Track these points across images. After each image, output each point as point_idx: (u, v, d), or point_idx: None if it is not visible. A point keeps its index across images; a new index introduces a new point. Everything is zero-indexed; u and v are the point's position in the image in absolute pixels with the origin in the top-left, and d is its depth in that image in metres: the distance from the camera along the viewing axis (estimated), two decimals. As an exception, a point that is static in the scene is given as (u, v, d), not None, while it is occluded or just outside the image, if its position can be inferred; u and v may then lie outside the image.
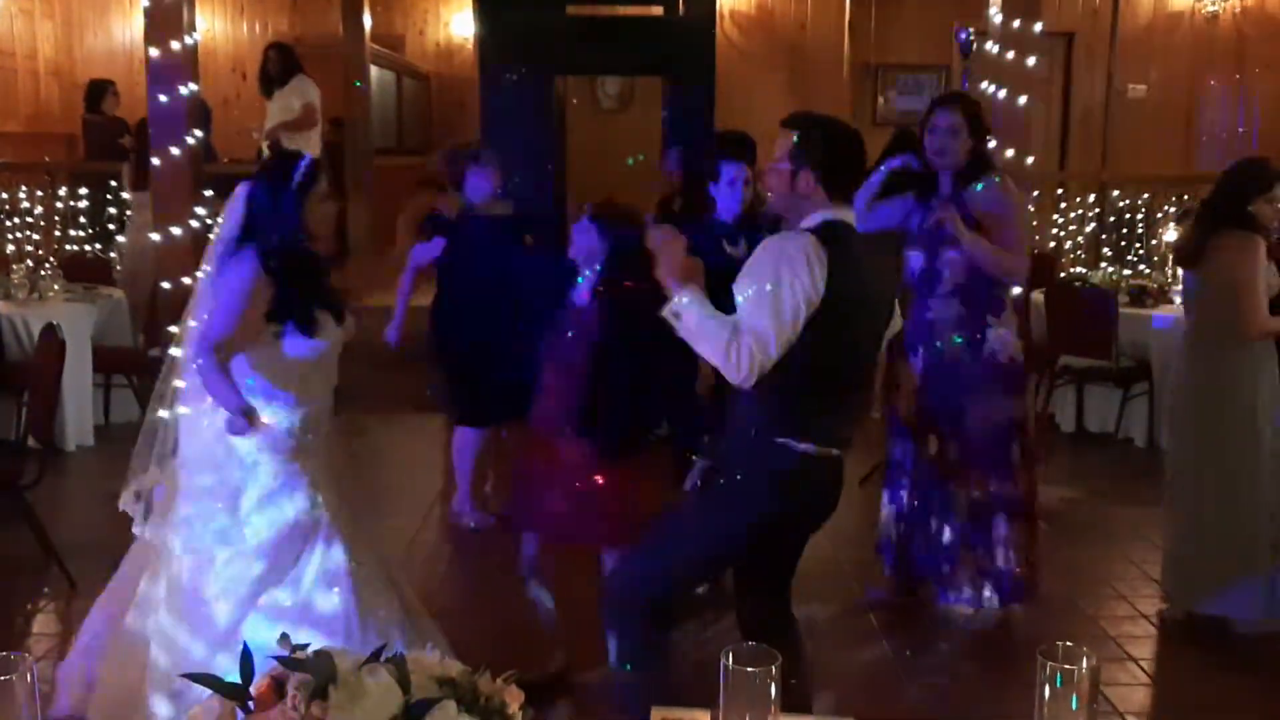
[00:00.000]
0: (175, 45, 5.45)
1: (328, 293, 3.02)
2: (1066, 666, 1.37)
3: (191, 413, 3.03)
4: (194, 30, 5.65)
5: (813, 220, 2.70)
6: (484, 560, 4.73)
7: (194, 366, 2.89)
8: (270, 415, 2.94)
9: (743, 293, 2.58)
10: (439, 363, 4.98)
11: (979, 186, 3.86)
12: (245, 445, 2.94)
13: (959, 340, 3.92)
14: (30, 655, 1.42)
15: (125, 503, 3.09)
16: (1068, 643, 1.41)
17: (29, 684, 1.42)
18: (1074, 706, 1.38)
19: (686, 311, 2.58)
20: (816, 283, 2.54)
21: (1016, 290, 4.17)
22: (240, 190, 2.97)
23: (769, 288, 2.54)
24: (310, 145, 8.24)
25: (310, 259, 2.97)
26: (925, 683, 3.80)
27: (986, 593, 4.09)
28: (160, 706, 2.88)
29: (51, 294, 6.25)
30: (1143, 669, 3.90)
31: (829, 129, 2.75)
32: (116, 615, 3.11)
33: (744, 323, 2.54)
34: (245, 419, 2.85)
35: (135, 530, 3.10)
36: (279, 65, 8.09)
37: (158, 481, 3.04)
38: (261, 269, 2.85)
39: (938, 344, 3.95)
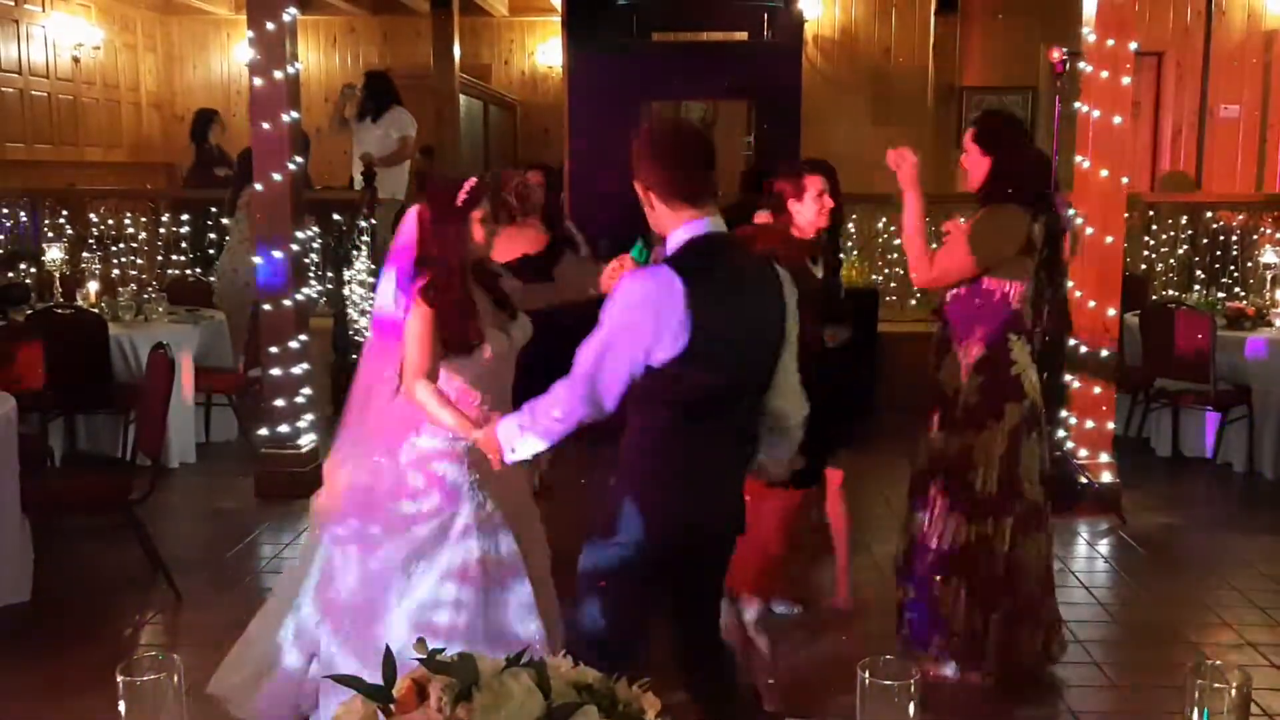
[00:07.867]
0: (278, 75, 5.61)
1: (501, 302, 3.15)
2: (1216, 685, 1.35)
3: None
4: (296, 60, 5.80)
5: (675, 241, 2.45)
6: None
7: (415, 400, 2.99)
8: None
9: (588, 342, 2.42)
10: None
11: None
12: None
13: None
14: (178, 658, 1.46)
15: None
16: (1217, 661, 1.38)
17: (177, 684, 1.47)
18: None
19: (525, 445, 2.51)
20: (662, 331, 2.32)
21: None
22: (411, 214, 3.11)
23: (603, 347, 2.38)
24: (401, 176, 8.37)
25: (464, 279, 3.04)
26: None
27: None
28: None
29: (156, 316, 6.43)
30: (1257, 704, 3.78)
31: (651, 132, 2.52)
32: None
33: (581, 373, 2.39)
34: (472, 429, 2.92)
35: None
36: (374, 94, 8.16)
37: None
38: (423, 303, 2.97)
39: None
